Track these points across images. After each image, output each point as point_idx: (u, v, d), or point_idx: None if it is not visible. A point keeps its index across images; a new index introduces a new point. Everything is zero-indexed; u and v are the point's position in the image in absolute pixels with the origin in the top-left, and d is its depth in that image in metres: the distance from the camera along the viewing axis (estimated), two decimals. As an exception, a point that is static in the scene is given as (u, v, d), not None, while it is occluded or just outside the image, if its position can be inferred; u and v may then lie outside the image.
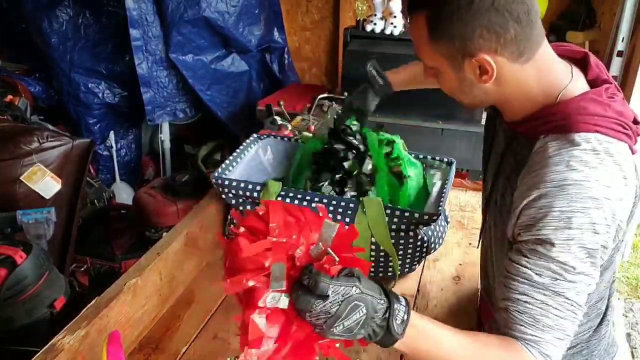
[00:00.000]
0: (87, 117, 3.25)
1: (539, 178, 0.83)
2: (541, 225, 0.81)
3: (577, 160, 0.82)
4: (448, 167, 1.57)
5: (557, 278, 0.81)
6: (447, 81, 0.93)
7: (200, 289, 1.37)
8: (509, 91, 0.90)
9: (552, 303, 0.81)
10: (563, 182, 0.81)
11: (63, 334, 1.01)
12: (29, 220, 1.77)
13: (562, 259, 0.80)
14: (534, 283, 0.82)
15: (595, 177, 0.81)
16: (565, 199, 0.80)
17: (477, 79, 0.89)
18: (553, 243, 0.80)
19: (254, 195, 1.37)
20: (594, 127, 0.84)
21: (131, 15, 2.88)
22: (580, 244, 0.80)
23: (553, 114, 0.87)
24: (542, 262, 0.81)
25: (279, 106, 2.55)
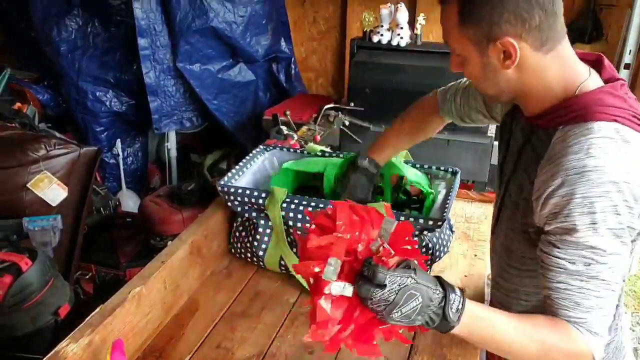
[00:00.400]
0: (95, 125, 3.27)
1: (560, 166, 0.87)
2: (566, 213, 0.85)
3: (595, 147, 0.85)
4: (453, 176, 1.57)
5: (590, 263, 0.85)
6: (473, 68, 0.96)
7: (205, 298, 1.37)
8: (530, 81, 0.94)
9: (590, 287, 0.86)
10: (583, 169, 0.84)
11: (67, 341, 1.01)
12: (35, 227, 1.78)
13: (591, 243, 0.84)
14: (569, 271, 0.86)
15: (613, 162, 0.84)
16: (587, 185, 0.84)
17: (500, 64, 0.92)
18: (579, 229, 0.84)
19: (259, 202, 1.38)
20: (612, 117, 0.87)
21: (139, 25, 2.90)
22: (606, 227, 0.84)
23: (572, 106, 0.91)
24: (573, 250, 0.86)
25: (286, 116, 2.56)
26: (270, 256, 1.42)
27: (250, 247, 1.43)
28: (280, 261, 1.41)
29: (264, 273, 1.46)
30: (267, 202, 1.37)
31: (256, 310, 1.32)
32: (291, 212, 1.36)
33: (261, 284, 1.43)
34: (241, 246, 1.47)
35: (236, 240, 1.49)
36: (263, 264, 1.44)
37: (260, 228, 1.41)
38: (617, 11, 2.87)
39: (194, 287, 1.40)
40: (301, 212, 1.36)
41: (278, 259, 1.41)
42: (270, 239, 1.42)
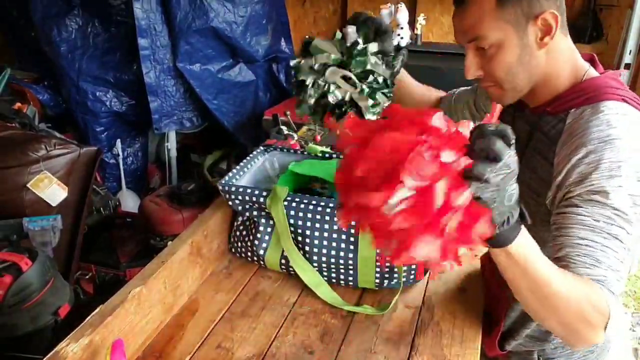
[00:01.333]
0: (95, 125, 3.27)
1: (584, 138, 0.91)
2: (594, 177, 0.88)
3: (614, 120, 0.91)
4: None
5: (612, 223, 0.87)
6: (508, 54, 0.97)
7: (205, 298, 1.37)
8: (552, 64, 0.99)
9: (611, 245, 0.86)
10: (608, 137, 0.89)
11: (67, 341, 1.01)
12: (35, 227, 1.78)
13: (617, 204, 0.87)
14: (593, 227, 0.87)
15: (632, 134, 0.90)
16: (613, 150, 0.88)
17: (537, 44, 0.96)
18: (607, 191, 0.87)
19: (260, 200, 1.37)
20: (620, 97, 0.94)
21: (139, 25, 2.91)
22: (629, 192, 0.87)
23: (582, 89, 0.97)
24: (598, 209, 0.87)
25: (286, 116, 2.55)
26: (271, 255, 1.42)
27: (251, 246, 1.43)
28: (281, 260, 1.41)
29: (264, 273, 1.46)
30: (268, 200, 1.37)
31: (256, 310, 1.32)
32: (292, 210, 1.36)
33: (261, 284, 1.43)
34: (241, 245, 1.47)
35: (236, 239, 1.49)
36: (264, 263, 1.44)
37: (261, 227, 1.41)
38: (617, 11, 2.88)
39: (194, 287, 1.40)
40: (302, 210, 1.36)
41: (279, 258, 1.41)
42: (270, 237, 1.42)
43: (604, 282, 0.85)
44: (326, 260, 1.36)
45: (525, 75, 1.00)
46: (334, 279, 1.39)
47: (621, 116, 0.92)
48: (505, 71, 0.99)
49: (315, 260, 1.37)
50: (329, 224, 1.35)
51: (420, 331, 1.25)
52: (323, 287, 1.36)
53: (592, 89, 0.96)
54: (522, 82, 1.00)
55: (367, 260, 1.34)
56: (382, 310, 1.30)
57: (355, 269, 1.36)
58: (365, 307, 1.32)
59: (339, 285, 1.40)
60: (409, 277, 1.38)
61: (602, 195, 0.87)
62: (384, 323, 1.28)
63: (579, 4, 2.88)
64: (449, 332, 1.25)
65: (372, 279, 1.36)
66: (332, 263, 1.36)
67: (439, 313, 1.32)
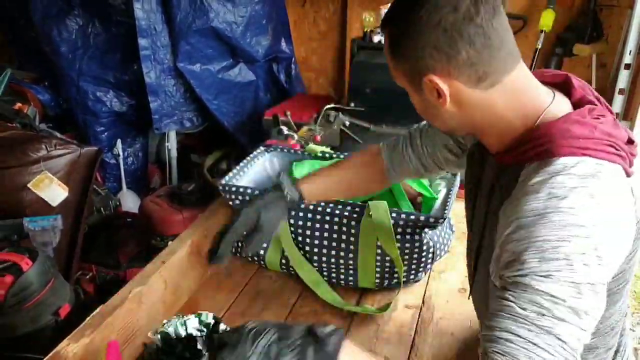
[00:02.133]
0: (95, 125, 3.27)
1: (519, 207, 0.76)
2: (524, 259, 0.72)
3: (560, 186, 0.74)
4: (453, 176, 1.58)
5: (544, 313, 0.70)
6: (415, 102, 0.91)
7: (205, 297, 1.37)
8: (476, 117, 0.85)
9: (538, 341, 0.70)
10: (545, 211, 0.73)
11: (67, 341, 1.01)
12: (35, 227, 1.78)
13: (551, 291, 0.70)
14: (517, 317, 0.71)
15: (582, 203, 0.73)
16: (548, 227, 0.72)
17: (435, 102, 0.85)
18: (539, 275, 0.71)
19: None
20: (580, 151, 0.77)
21: (140, 25, 2.90)
22: (570, 278, 0.70)
23: (535, 139, 0.80)
24: (527, 295, 0.71)
25: (286, 116, 2.55)
26: (271, 255, 1.42)
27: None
28: (282, 260, 1.41)
29: (264, 273, 1.47)
30: None
31: (256, 310, 1.32)
32: (292, 210, 1.36)
33: (261, 284, 1.43)
34: (242, 245, 1.47)
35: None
36: (264, 263, 1.44)
37: None
38: (617, 11, 2.87)
39: (194, 287, 1.40)
40: (302, 210, 1.36)
41: (279, 259, 1.41)
42: (270, 238, 1.42)
43: None
44: (326, 260, 1.36)
45: (441, 125, 0.92)
46: (334, 279, 1.39)
47: (573, 179, 0.74)
48: (418, 109, 0.93)
49: (316, 260, 1.37)
50: (329, 224, 1.35)
51: (420, 331, 1.25)
52: (323, 287, 1.37)
53: (545, 139, 0.79)
54: (444, 128, 0.94)
55: (367, 260, 1.34)
56: (382, 310, 1.30)
57: (355, 269, 1.36)
58: (365, 307, 1.32)
59: (339, 285, 1.40)
60: (409, 276, 1.38)
61: (532, 280, 0.71)
62: (384, 323, 1.28)
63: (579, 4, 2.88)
64: (449, 332, 1.25)
65: (372, 278, 1.36)
66: (332, 263, 1.36)
67: (439, 313, 1.32)
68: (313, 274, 1.38)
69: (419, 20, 0.79)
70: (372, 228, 1.30)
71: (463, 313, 1.32)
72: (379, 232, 1.30)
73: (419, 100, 0.89)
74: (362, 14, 3.07)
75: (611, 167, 0.78)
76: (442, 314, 1.32)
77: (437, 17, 0.78)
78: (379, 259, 1.34)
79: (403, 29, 0.83)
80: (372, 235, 1.31)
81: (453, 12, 0.77)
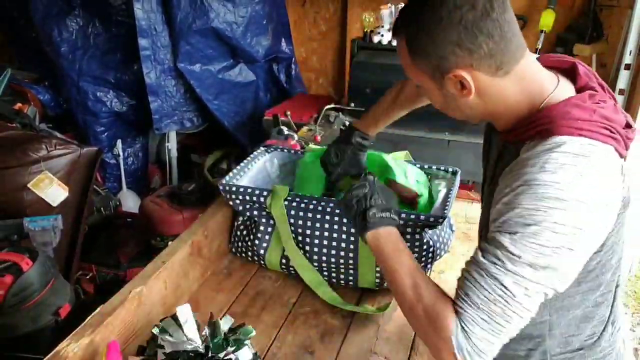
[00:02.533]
0: (95, 125, 3.27)
1: (513, 178, 0.85)
2: (503, 219, 0.83)
3: (552, 162, 0.82)
4: (453, 176, 1.58)
5: (496, 263, 0.82)
6: (434, 98, 0.98)
7: (205, 298, 1.37)
8: (493, 104, 0.93)
9: (484, 284, 0.83)
10: (532, 182, 0.81)
11: (67, 341, 1.01)
12: (35, 227, 1.78)
13: (511, 248, 0.81)
14: (476, 262, 0.85)
15: (569, 179, 0.80)
16: (531, 197, 0.81)
17: (458, 94, 0.92)
18: (508, 232, 0.82)
19: (261, 200, 1.38)
20: (577, 131, 0.84)
21: (140, 25, 2.91)
22: (535, 241, 0.80)
23: (537, 120, 0.88)
24: (491, 247, 0.84)
25: (286, 116, 2.56)
26: (271, 255, 1.42)
27: (252, 246, 1.44)
28: (282, 260, 1.41)
29: (265, 273, 1.47)
30: (268, 200, 1.37)
31: (256, 310, 1.32)
32: (292, 210, 1.36)
33: (261, 284, 1.43)
34: (242, 245, 1.48)
35: (237, 239, 1.50)
36: (264, 263, 1.44)
37: (261, 227, 1.42)
38: (617, 12, 2.87)
39: (195, 288, 1.40)
40: (303, 210, 1.36)
41: (279, 258, 1.41)
42: (271, 237, 1.42)
43: (461, 315, 0.85)
44: (326, 260, 1.36)
45: (459, 114, 0.99)
46: (334, 279, 1.39)
47: (567, 157, 0.82)
48: (436, 104, 1.00)
49: (316, 260, 1.37)
50: (329, 224, 1.35)
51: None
52: (323, 287, 1.37)
53: (546, 120, 0.87)
54: (460, 117, 1.00)
55: (368, 260, 1.34)
56: (382, 310, 1.30)
57: (356, 269, 1.36)
58: (366, 307, 1.32)
59: (339, 285, 1.40)
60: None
61: (501, 236, 0.82)
62: (384, 323, 1.28)
63: (579, 4, 2.88)
64: (449, 332, 1.25)
65: (372, 278, 1.36)
66: (332, 263, 1.36)
67: (439, 313, 1.32)
68: (313, 273, 1.38)
69: (439, 20, 0.86)
70: None
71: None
72: None
73: (439, 95, 0.95)
74: (362, 14, 3.07)
75: (603, 148, 0.85)
76: (442, 314, 1.32)
77: (457, 16, 0.84)
78: None
79: (422, 30, 0.89)
80: None
81: (472, 9, 0.84)
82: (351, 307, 1.32)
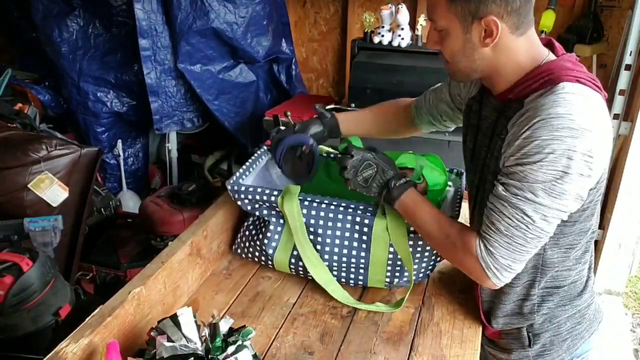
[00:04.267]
0: (96, 125, 3.27)
1: (530, 118, 0.97)
2: (523, 152, 0.96)
3: (562, 99, 0.95)
4: (458, 177, 1.58)
5: (518, 194, 0.98)
6: (454, 42, 1.05)
7: (205, 298, 1.37)
8: (502, 60, 1.04)
9: (507, 213, 1.00)
10: (547, 116, 0.94)
11: (67, 342, 1.01)
12: (35, 227, 1.78)
13: (531, 178, 0.95)
14: (498, 195, 1.01)
15: (578, 111, 0.93)
16: (548, 129, 0.93)
17: (480, 43, 1.02)
18: (527, 163, 0.95)
19: (272, 199, 1.36)
20: (575, 78, 0.98)
21: (140, 26, 2.91)
22: (553, 167, 0.94)
23: (539, 74, 1.01)
24: (512, 181, 0.98)
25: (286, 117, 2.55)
26: (280, 255, 1.41)
27: (260, 245, 1.43)
28: (290, 259, 1.40)
29: (264, 274, 1.47)
30: (280, 199, 1.35)
31: (256, 310, 1.32)
32: (304, 209, 1.36)
33: (261, 284, 1.43)
34: (249, 245, 1.47)
35: (245, 239, 1.48)
36: (272, 263, 1.44)
37: (271, 226, 1.41)
38: (617, 12, 2.88)
39: (194, 288, 1.40)
40: (315, 209, 1.35)
41: (288, 258, 1.40)
42: (280, 237, 1.41)
43: (486, 239, 1.04)
44: (337, 259, 1.36)
45: (467, 65, 1.07)
46: (344, 278, 1.39)
47: (572, 96, 0.95)
48: (450, 54, 1.07)
49: (327, 259, 1.37)
50: (341, 223, 1.34)
51: (420, 331, 1.25)
52: (333, 285, 1.36)
53: (548, 72, 1.00)
54: (466, 69, 1.08)
55: (379, 259, 1.34)
56: (396, 306, 1.30)
57: (367, 268, 1.36)
58: (378, 305, 1.32)
59: (347, 285, 1.40)
60: (419, 275, 1.38)
61: (521, 168, 0.96)
62: (383, 323, 1.28)
63: (580, 4, 2.88)
64: (449, 332, 1.25)
65: (382, 278, 1.36)
66: (343, 262, 1.36)
67: (438, 313, 1.32)
68: (325, 271, 1.37)
69: None
70: (385, 226, 1.30)
71: (463, 313, 1.32)
72: (391, 230, 1.30)
73: (460, 40, 1.03)
74: (363, 14, 3.07)
75: (598, 96, 1.00)
76: (442, 314, 1.32)
77: None
78: (391, 258, 1.34)
79: None
80: (385, 233, 1.31)
81: None
82: (363, 305, 1.32)
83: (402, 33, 2.93)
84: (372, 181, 1.19)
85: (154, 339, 0.98)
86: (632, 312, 3.02)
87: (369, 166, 1.19)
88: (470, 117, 1.23)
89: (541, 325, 1.22)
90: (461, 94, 1.33)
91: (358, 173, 1.19)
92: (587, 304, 1.24)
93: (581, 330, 1.25)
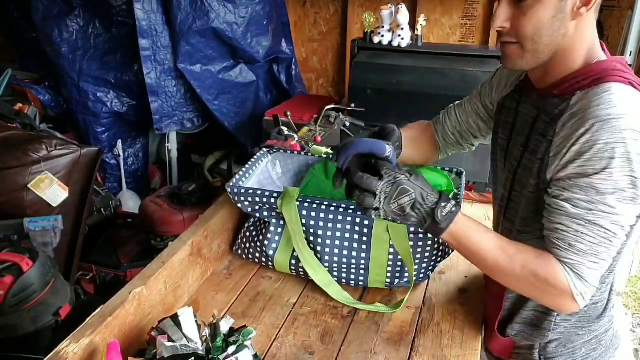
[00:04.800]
0: (96, 125, 3.27)
1: (584, 118, 0.92)
2: (586, 158, 0.90)
3: (617, 99, 0.91)
4: (458, 177, 1.58)
5: (592, 209, 0.91)
6: (542, 12, 0.95)
7: (205, 298, 1.37)
8: (576, 39, 0.98)
9: (586, 232, 0.92)
10: (607, 117, 0.89)
11: (67, 342, 1.01)
12: (35, 228, 1.78)
13: (601, 187, 0.90)
14: (569, 214, 0.93)
15: (633, 112, 0.90)
16: (609, 131, 0.88)
17: (572, 13, 0.95)
18: (595, 172, 0.90)
19: (272, 201, 1.37)
20: (627, 80, 0.95)
21: (140, 26, 2.91)
22: (622, 173, 0.89)
23: (589, 72, 0.97)
24: (580, 195, 0.92)
25: (286, 117, 2.56)
26: (280, 256, 1.41)
27: (260, 247, 1.43)
28: (291, 261, 1.40)
29: (265, 274, 1.47)
30: (279, 201, 1.36)
31: (257, 311, 1.32)
32: (304, 210, 1.36)
33: (262, 284, 1.43)
34: (250, 246, 1.47)
35: (245, 240, 1.49)
36: (272, 264, 1.44)
37: (271, 227, 1.41)
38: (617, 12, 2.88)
39: (195, 288, 1.40)
40: (315, 211, 1.35)
41: (288, 259, 1.40)
42: (281, 238, 1.41)
43: (570, 265, 0.94)
44: (338, 260, 1.36)
45: (549, 41, 0.97)
46: (344, 279, 1.39)
47: (626, 96, 0.92)
48: (534, 29, 0.96)
49: (327, 260, 1.37)
50: (341, 224, 1.34)
51: (420, 332, 1.25)
52: (334, 287, 1.36)
53: (598, 71, 0.97)
54: (544, 48, 0.98)
55: (379, 260, 1.34)
56: (395, 308, 1.30)
57: (367, 269, 1.36)
58: (378, 306, 1.32)
59: (348, 286, 1.40)
60: (419, 275, 1.38)
61: (587, 178, 0.90)
62: (384, 324, 1.28)
63: (580, 4, 2.89)
64: (450, 332, 1.25)
65: (383, 278, 1.36)
66: (343, 263, 1.36)
67: (439, 314, 1.32)
68: (324, 273, 1.37)
69: None
70: (385, 227, 1.30)
71: (464, 313, 1.32)
72: (391, 231, 1.30)
73: (551, 10, 0.94)
74: (363, 14, 3.07)
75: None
76: (442, 314, 1.32)
77: None
78: (392, 258, 1.34)
79: None
80: (385, 233, 1.31)
81: None
82: (364, 305, 1.32)
83: (402, 33, 2.93)
84: (410, 210, 0.98)
85: (154, 339, 0.98)
86: (632, 312, 3.02)
87: (405, 192, 0.96)
88: (502, 114, 1.18)
89: (555, 349, 1.19)
90: (493, 101, 1.25)
91: (392, 201, 0.97)
92: (605, 330, 1.19)
93: (596, 357, 1.20)
